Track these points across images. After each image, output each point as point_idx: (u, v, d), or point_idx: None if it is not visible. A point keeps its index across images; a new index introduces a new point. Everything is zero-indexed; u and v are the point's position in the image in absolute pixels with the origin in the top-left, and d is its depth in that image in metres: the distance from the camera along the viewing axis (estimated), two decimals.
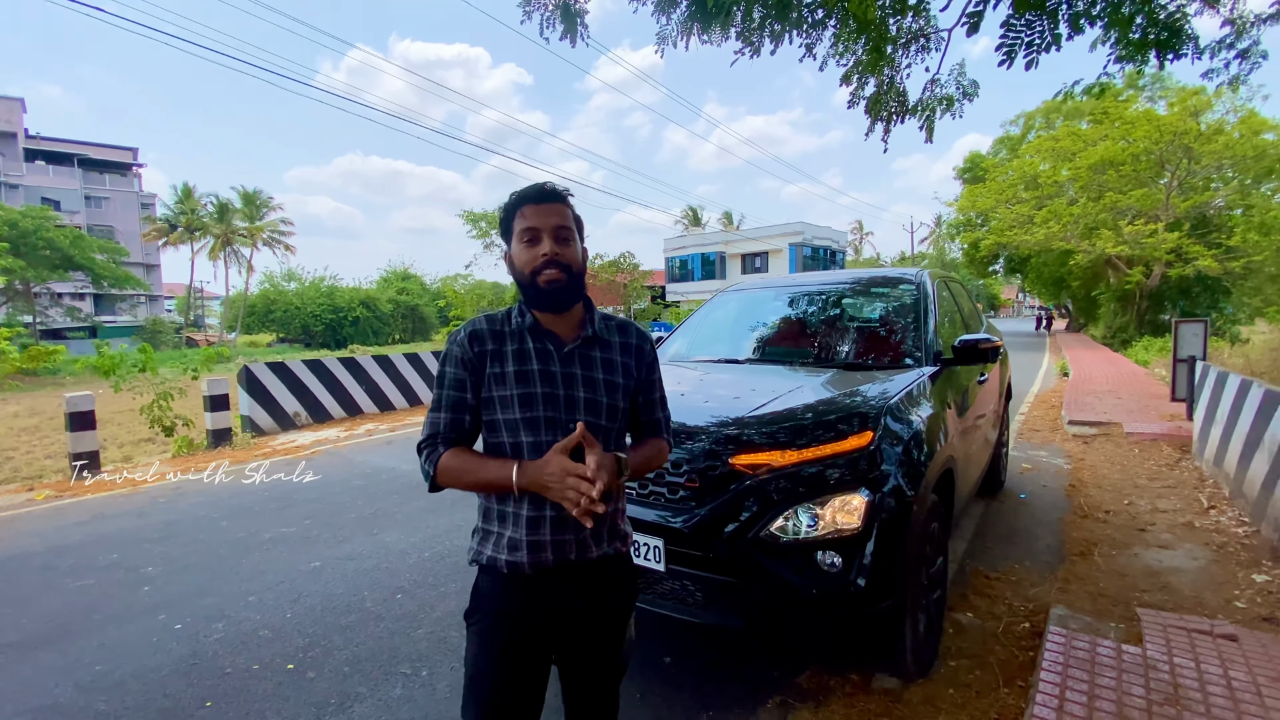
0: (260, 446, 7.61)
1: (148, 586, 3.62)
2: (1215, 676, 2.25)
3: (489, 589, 1.36)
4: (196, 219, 43.57)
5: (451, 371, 1.35)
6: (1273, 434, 3.81)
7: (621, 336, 1.46)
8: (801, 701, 2.37)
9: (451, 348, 1.36)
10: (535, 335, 1.36)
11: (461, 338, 1.35)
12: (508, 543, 1.32)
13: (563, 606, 1.36)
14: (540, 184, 1.36)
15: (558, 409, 1.32)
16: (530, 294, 1.34)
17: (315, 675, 2.64)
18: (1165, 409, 7.86)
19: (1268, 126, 17.61)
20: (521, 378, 1.32)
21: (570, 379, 1.34)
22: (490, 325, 1.37)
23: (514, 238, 1.34)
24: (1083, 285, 27.80)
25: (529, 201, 1.33)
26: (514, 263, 1.35)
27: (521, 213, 1.33)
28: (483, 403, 1.34)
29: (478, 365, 1.33)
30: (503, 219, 1.38)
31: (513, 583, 1.33)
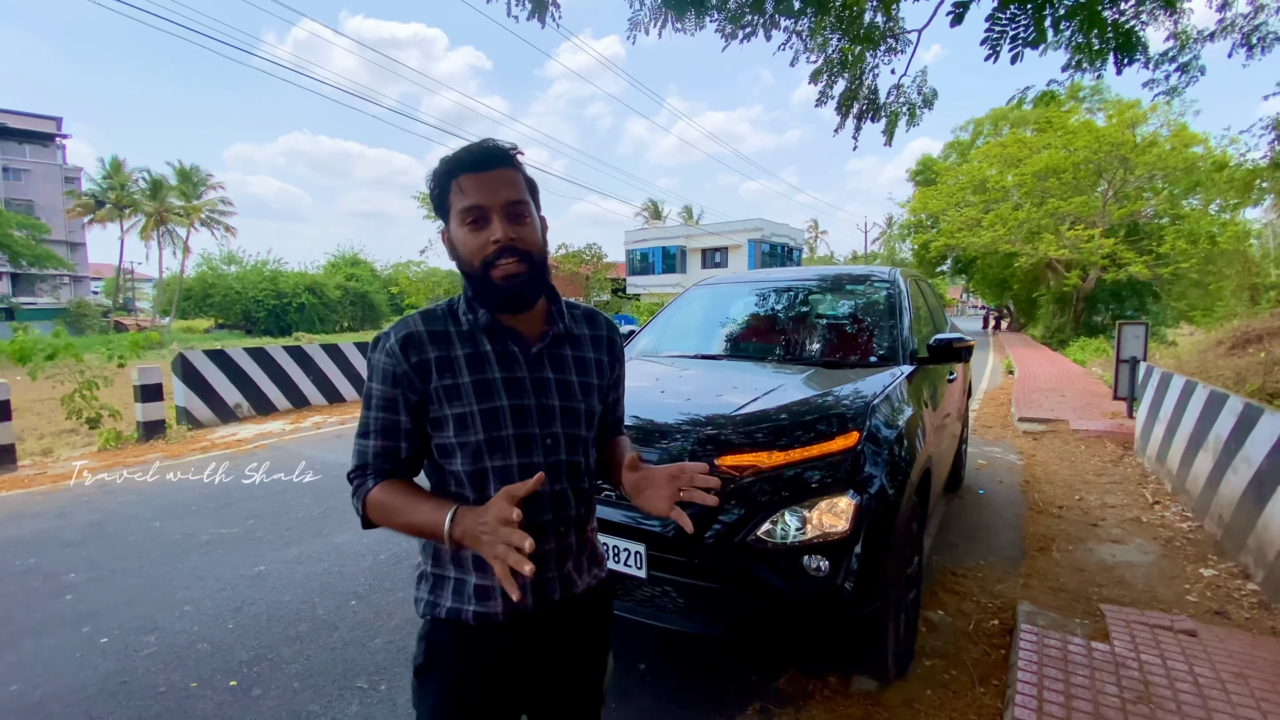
0: (197, 440, 7.15)
1: (70, 595, 3.31)
2: (1182, 673, 2.30)
3: (450, 644, 1.10)
4: (126, 195, 40.98)
5: (380, 389, 1.06)
6: (1217, 434, 3.98)
7: (591, 329, 1.21)
8: (781, 707, 2.31)
9: (379, 359, 1.07)
10: (494, 335, 1.09)
11: (391, 345, 1.05)
12: (474, 590, 1.07)
13: (542, 651, 1.13)
14: (480, 144, 1.05)
15: (530, 423, 1.07)
16: (483, 290, 1.06)
17: (261, 693, 2.44)
18: (1107, 407, 8.22)
19: (1197, 140, 18.68)
20: (482, 389, 1.05)
21: (542, 385, 1.09)
22: (429, 326, 1.07)
23: (452, 216, 1.05)
24: (1024, 287, 29.04)
25: (467, 169, 1.03)
26: (456, 248, 1.06)
27: (459, 184, 1.03)
28: (431, 423, 1.07)
29: (416, 379, 1.05)
30: (434, 192, 1.07)
31: (482, 635, 1.08)
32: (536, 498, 1.06)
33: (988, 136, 28.25)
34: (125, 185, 41.18)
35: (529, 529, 0.99)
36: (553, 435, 1.09)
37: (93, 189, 41.70)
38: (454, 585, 1.10)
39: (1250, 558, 3.41)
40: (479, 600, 1.08)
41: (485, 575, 1.08)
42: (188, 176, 42.90)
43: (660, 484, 1.07)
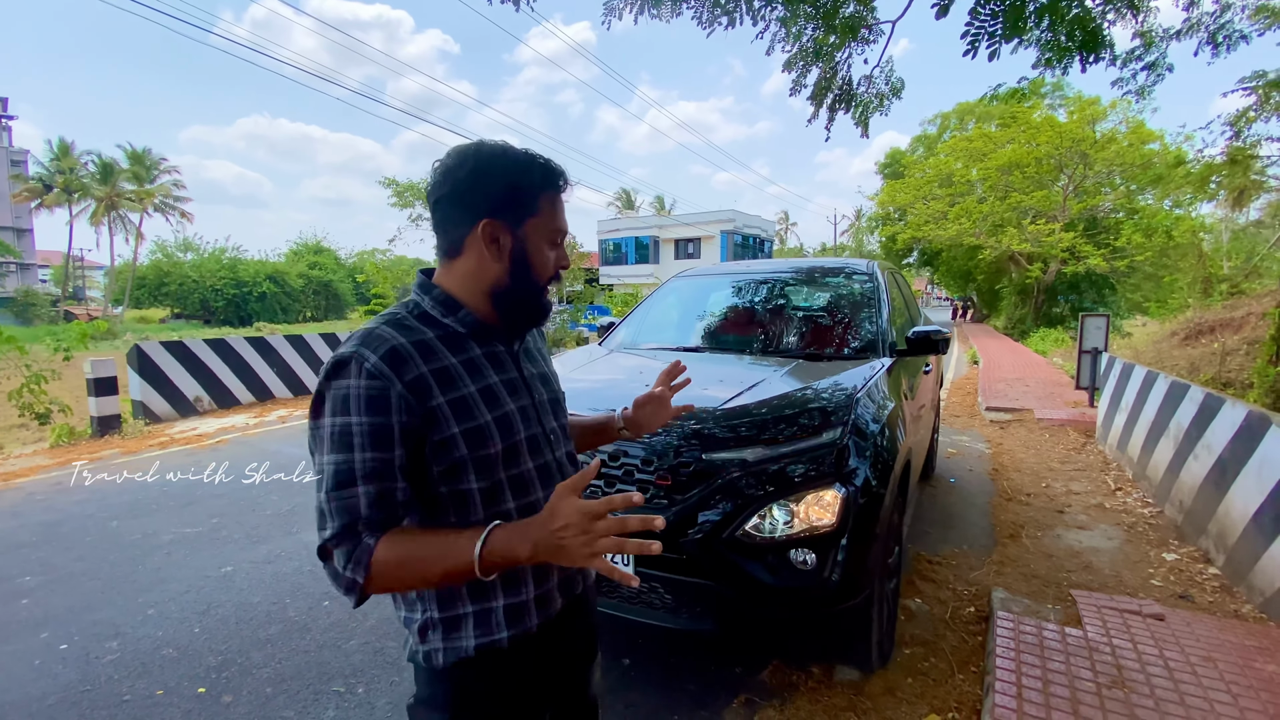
0: (156, 435, 6.88)
1: (25, 599, 3.15)
2: (1153, 657, 2.37)
3: (484, 681, 0.99)
4: (75, 179, 39.09)
5: (366, 421, 0.87)
6: (1178, 422, 4.12)
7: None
8: (766, 699, 2.32)
9: (358, 385, 0.87)
10: (480, 339, 1.01)
11: (374, 364, 0.88)
12: (504, 613, 0.98)
13: (562, 659, 1.09)
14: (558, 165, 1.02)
15: (533, 424, 1.03)
16: (531, 304, 1.02)
17: (232, 699, 2.35)
18: (1069, 396, 8.47)
19: (1153, 137, 19.29)
20: (489, 397, 0.97)
21: (530, 382, 1.06)
22: (409, 336, 0.93)
23: (535, 227, 0.99)
24: (987, 279, 29.75)
25: (559, 190, 1.01)
26: (529, 258, 0.99)
27: (553, 200, 1.00)
28: (435, 450, 0.92)
29: (414, 401, 0.89)
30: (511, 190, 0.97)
31: (517, 657, 1.01)
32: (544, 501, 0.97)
33: (954, 131, 28.75)
34: (74, 169, 39.25)
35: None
36: (553, 431, 1.08)
37: (40, 172, 39.67)
38: (475, 619, 0.98)
39: (1211, 542, 3.54)
40: (510, 624, 0.99)
41: (515, 593, 0.99)
42: (140, 160, 41.10)
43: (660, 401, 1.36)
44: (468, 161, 0.96)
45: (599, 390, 2.71)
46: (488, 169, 0.96)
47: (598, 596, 1.27)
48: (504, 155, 0.97)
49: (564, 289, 18.66)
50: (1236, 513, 3.26)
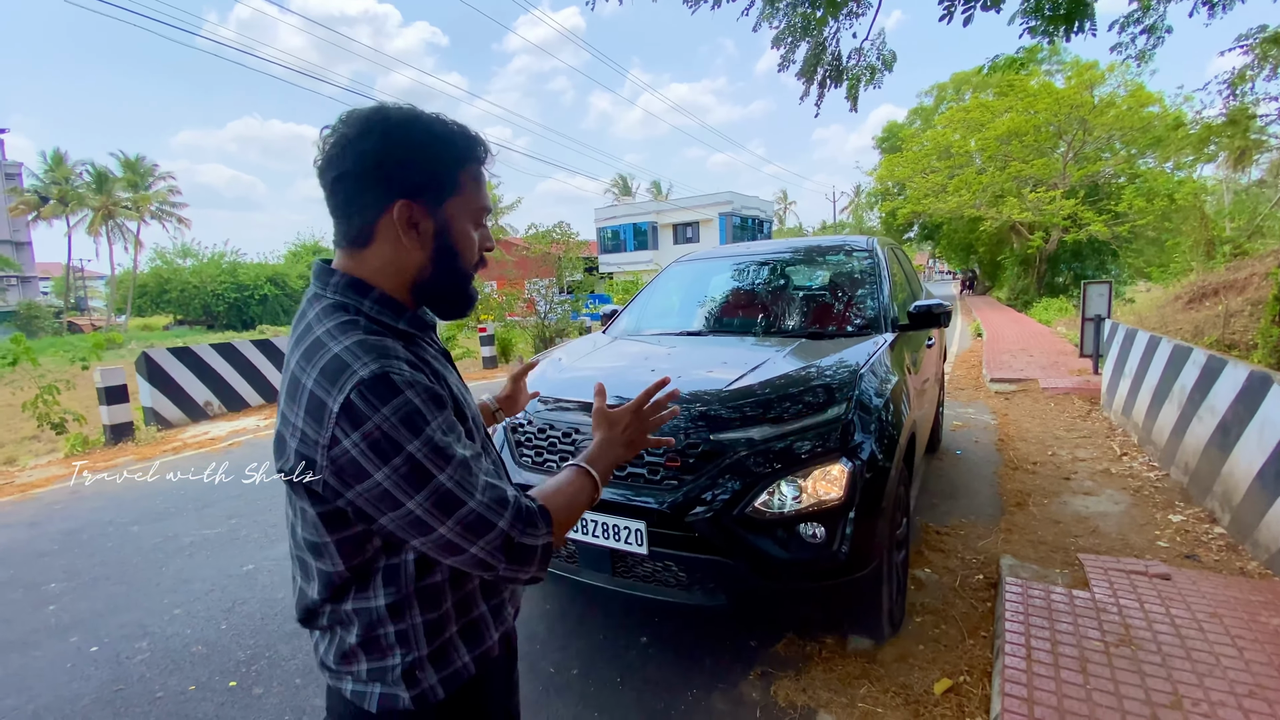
0: (168, 440, 6.96)
1: (53, 605, 3.22)
2: (1159, 615, 2.42)
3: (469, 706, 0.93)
4: (71, 190, 39.07)
5: (440, 421, 0.79)
6: (1181, 385, 4.13)
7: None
8: (781, 670, 2.37)
9: (415, 397, 0.77)
10: (431, 338, 0.94)
11: (409, 374, 0.78)
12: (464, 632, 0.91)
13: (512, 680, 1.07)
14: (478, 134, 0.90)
15: (482, 425, 0.98)
16: (460, 293, 0.93)
17: (263, 691, 2.42)
18: (1073, 364, 8.47)
19: (1153, 100, 19.07)
20: (464, 395, 0.94)
21: (464, 385, 0.98)
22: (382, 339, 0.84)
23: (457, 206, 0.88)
24: (989, 250, 29.59)
25: (483, 162, 0.90)
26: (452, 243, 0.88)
27: (474, 174, 0.89)
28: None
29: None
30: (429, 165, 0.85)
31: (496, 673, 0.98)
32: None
33: (951, 102, 28.45)
34: (69, 179, 39.23)
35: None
36: (485, 435, 0.99)
37: (35, 185, 39.64)
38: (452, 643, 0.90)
39: (1216, 502, 3.57)
40: (470, 644, 0.92)
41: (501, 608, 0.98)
42: (134, 167, 41.02)
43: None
44: (373, 131, 0.82)
45: (605, 377, 2.73)
46: (401, 141, 0.83)
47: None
48: (417, 123, 0.84)
49: (564, 279, 18.65)
50: (1240, 472, 3.29)
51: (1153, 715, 1.88)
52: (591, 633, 2.68)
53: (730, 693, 2.27)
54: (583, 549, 2.26)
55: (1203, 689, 1.99)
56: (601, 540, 2.20)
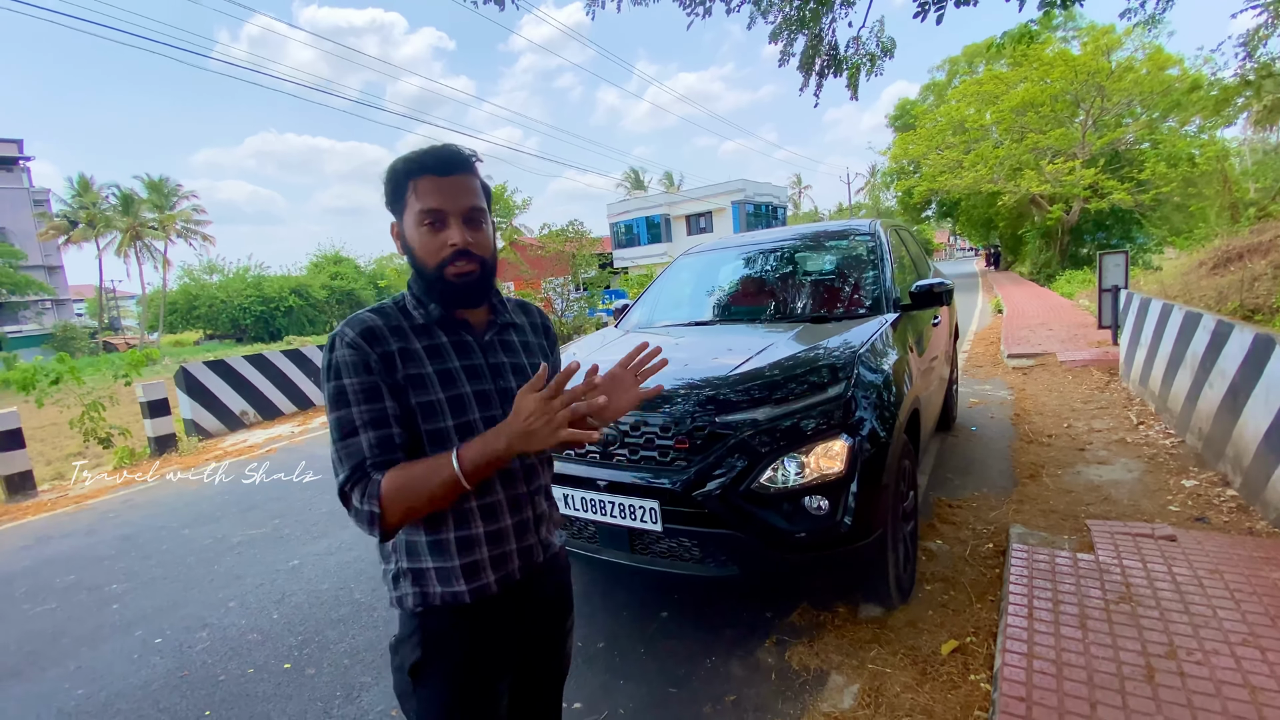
0: (209, 450, 7.29)
1: (116, 604, 3.48)
2: (1161, 573, 2.50)
3: (448, 629, 1.12)
4: (99, 213, 40.29)
5: (354, 382, 1.04)
6: (1193, 351, 4.15)
7: (527, 316, 1.32)
8: (795, 637, 2.51)
9: (342, 354, 1.05)
10: (448, 327, 1.14)
11: (353, 338, 1.05)
12: (465, 568, 1.10)
13: (532, 618, 1.22)
14: (443, 148, 1.09)
15: (493, 406, 1.13)
16: (437, 289, 1.11)
17: (315, 671, 2.62)
18: (1093, 336, 8.42)
19: (1172, 62, 18.59)
20: (445, 378, 1.10)
21: (498, 369, 1.17)
22: (385, 321, 1.10)
23: (408, 215, 1.08)
24: (1009, 225, 29.09)
25: (429, 172, 1.06)
26: (411, 246, 1.10)
27: (418, 186, 1.06)
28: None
29: (384, 368, 1.06)
30: (390, 187, 1.09)
31: (480, 612, 1.13)
32: (510, 473, 1.15)
33: (964, 76, 27.98)
34: (96, 203, 40.45)
35: (511, 501, 1.15)
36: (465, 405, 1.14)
37: (63, 209, 40.97)
38: (437, 574, 1.10)
39: (1228, 465, 3.61)
40: (468, 579, 1.11)
41: (470, 553, 1.11)
42: (158, 188, 42.16)
43: (622, 379, 1.23)
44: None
45: None
46: (385, 178, 1.11)
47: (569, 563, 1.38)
48: (395, 161, 1.10)
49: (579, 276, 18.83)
50: (1250, 434, 3.32)
51: (1147, 664, 1.98)
52: (615, 609, 2.84)
53: (747, 659, 2.41)
54: (602, 529, 2.41)
55: (1198, 639, 2.08)
56: (619, 520, 2.35)
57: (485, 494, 1.12)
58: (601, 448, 2.44)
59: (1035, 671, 1.99)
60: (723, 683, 2.30)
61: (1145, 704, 1.83)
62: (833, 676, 2.26)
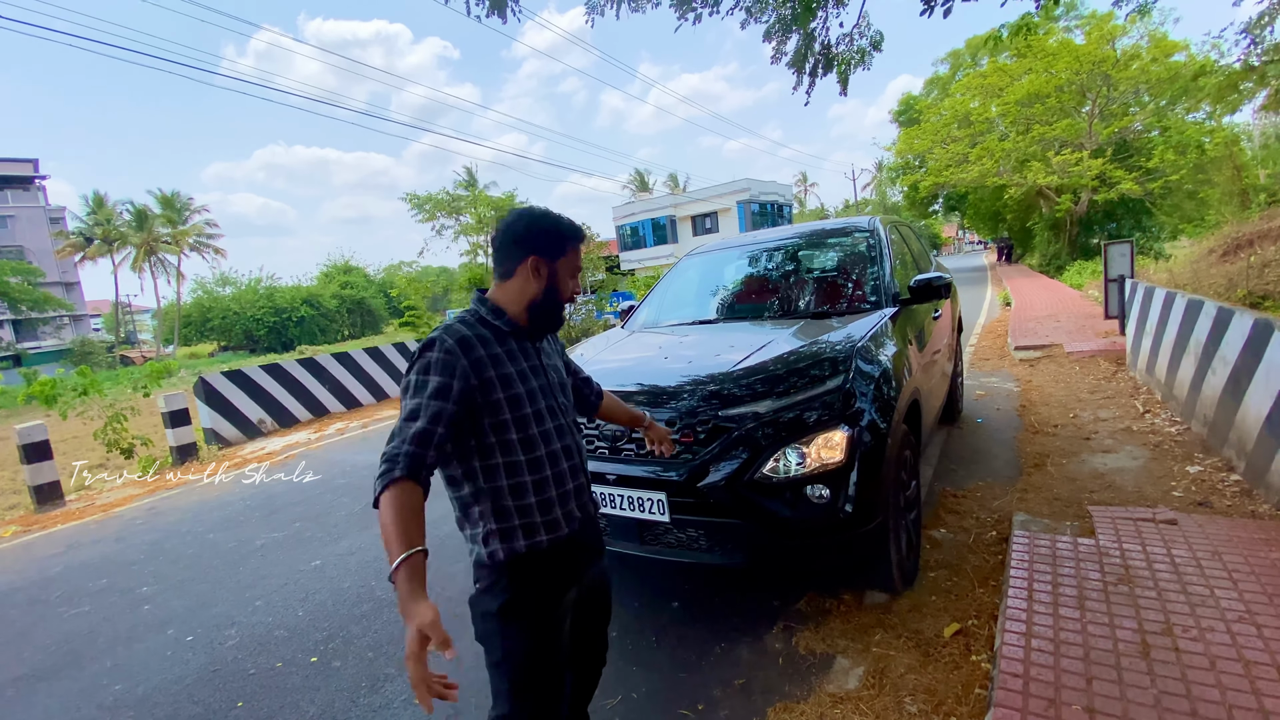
0: (229, 457, 7.45)
1: (148, 605, 3.61)
2: (1160, 556, 2.55)
3: (533, 573, 1.41)
4: (114, 229, 40.99)
5: (438, 380, 1.29)
6: (1197, 338, 4.19)
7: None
8: (802, 624, 2.58)
9: (437, 356, 1.31)
10: (517, 336, 1.46)
11: (450, 345, 1.32)
12: (546, 523, 1.41)
13: (587, 561, 1.55)
14: (579, 226, 1.53)
15: (552, 395, 1.48)
16: (553, 312, 1.49)
17: (341, 664, 2.73)
18: (1100, 327, 8.41)
19: (1178, 48, 18.44)
20: (523, 376, 1.41)
21: (544, 370, 1.49)
22: (474, 331, 1.38)
23: (562, 265, 1.48)
24: (1017, 217, 28.91)
25: (580, 242, 1.52)
26: (556, 285, 1.47)
27: (574, 248, 1.50)
28: (487, 407, 1.35)
29: (472, 372, 1.32)
30: (554, 240, 1.46)
31: (556, 556, 1.44)
32: (569, 449, 1.49)
33: (968, 68, 27.85)
34: (110, 219, 41.16)
35: (571, 470, 1.48)
36: (561, 404, 1.51)
37: (79, 226, 41.72)
38: (524, 529, 1.40)
39: (1232, 450, 3.64)
40: (548, 531, 1.42)
41: (549, 513, 1.42)
42: (170, 203, 42.83)
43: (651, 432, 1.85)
44: (524, 218, 1.46)
45: (626, 369, 2.96)
46: (539, 223, 1.46)
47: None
48: (548, 216, 1.48)
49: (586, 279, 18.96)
50: (1252, 418, 3.36)
51: (1143, 641, 2.04)
52: (628, 600, 2.93)
53: (755, 645, 2.49)
54: (612, 521, 2.50)
55: (1194, 617, 2.14)
56: (629, 512, 2.44)
57: (556, 465, 1.44)
58: (609, 443, 2.53)
59: (1033, 650, 2.06)
60: (731, 667, 2.38)
61: (1140, 679, 1.89)
62: (838, 660, 2.34)
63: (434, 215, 31.91)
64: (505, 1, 4.95)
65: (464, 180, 34.03)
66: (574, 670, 1.63)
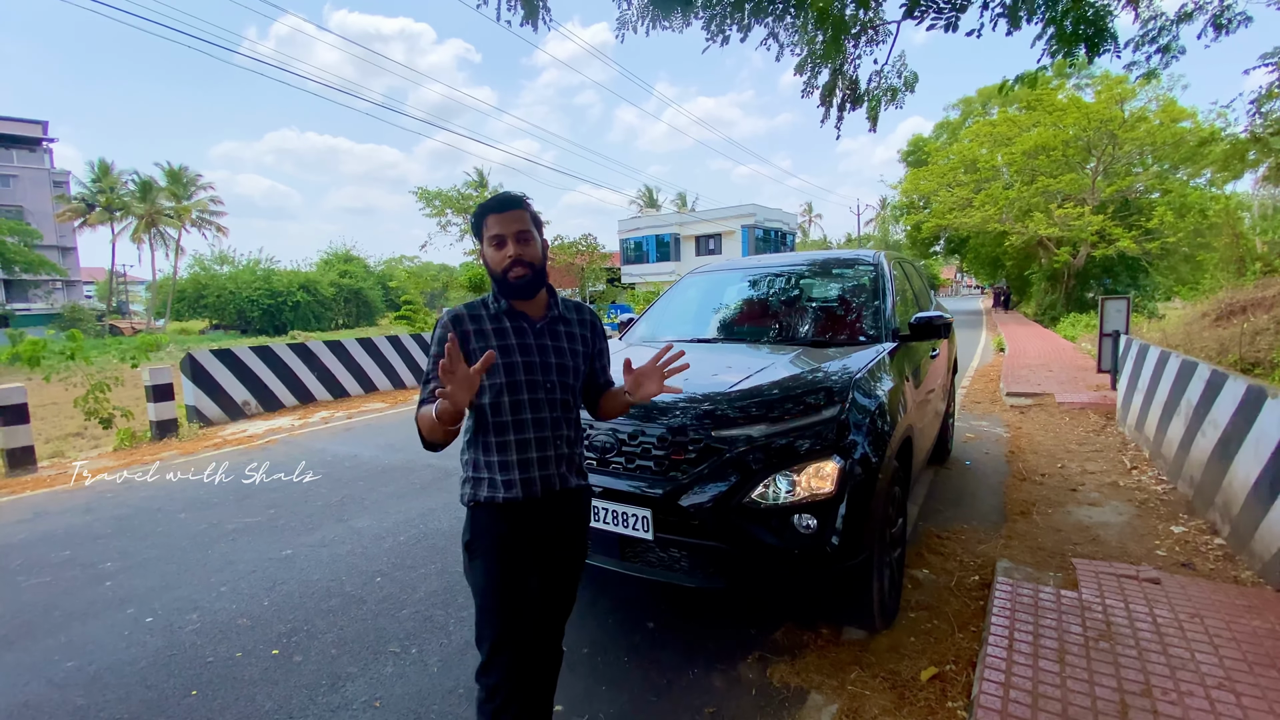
0: (209, 437, 7.34)
1: (109, 582, 3.51)
2: (1142, 614, 2.53)
3: (489, 520, 1.63)
4: (117, 198, 40.79)
5: (436, 349, 1.61)
6: (1188, 399, 4.20)
7: (578, 314, 1.82)
8: (778, 655, 2.53)
9: (437, 331, 1.66)
10: (511, 316, 1.66)
11: (445, 320, 1.65)
12: (503, 482, 1.62)
13: (549, 526, 1.69)
14: (502, 195, 1.64)
15: (536, 372, 1.64)
16: (502, 287, 1.65)
17: (302, 659, 2.65)
18: (1092, 380, 8.45)
19: (1185, 115, 18.81)
20: (503, 350, 1.62)
21: (544, 349, 1.67)
22: (470, 310, 1.66)
23: (484, 241, 1.65)
24: (1017, 265, 29.23)
25: (492, 211, 1.62)
26: (486, 261, 1.66)
27: (486, 222, 1.62)
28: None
29: (460, 342, 1.56)
30: (473, 224, 1.68)
31: (509, 512, 1.62)
32: (541, 420, 1.65)
33: (978, 116, 28.31)
34: (114, 188, 40.97)
35: (539, 441, 1.64)
36: (551, 382, 1.67)
37: (82, 192, 41.50)
38: (487, 482, 1.63)
39: (1217, 514, 3.64)
40: (505, 489, 1.62)
41: (508, 473, 1.62)
42: (177, 177, 42.71)
43: (650, 373, 1.73)
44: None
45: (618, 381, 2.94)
46: (471, 220, 1.71)
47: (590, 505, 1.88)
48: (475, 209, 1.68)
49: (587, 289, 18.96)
50: (1239, 483, 3.36)
51: (1121, 701, 2.01)
52: (602, 616, 2.87)
53: (729, 673, 2.44)
54: (594, 534, 2.45)
55: (1174, 680, 2.11)
56: (611, 527, 2.39)
57: (522, 431, 1.62)
58: (599, 454, 2.50)
59: (1011, 700, 2.02)
60: (703, 694, 2.33)
61: None
62: (812, 695, 2.29)
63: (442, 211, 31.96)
64: (538, 10, 4.98)
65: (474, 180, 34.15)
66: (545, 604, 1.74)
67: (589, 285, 19.72)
